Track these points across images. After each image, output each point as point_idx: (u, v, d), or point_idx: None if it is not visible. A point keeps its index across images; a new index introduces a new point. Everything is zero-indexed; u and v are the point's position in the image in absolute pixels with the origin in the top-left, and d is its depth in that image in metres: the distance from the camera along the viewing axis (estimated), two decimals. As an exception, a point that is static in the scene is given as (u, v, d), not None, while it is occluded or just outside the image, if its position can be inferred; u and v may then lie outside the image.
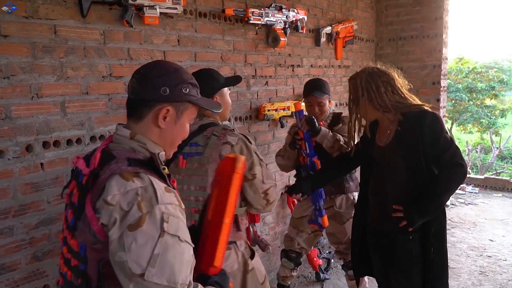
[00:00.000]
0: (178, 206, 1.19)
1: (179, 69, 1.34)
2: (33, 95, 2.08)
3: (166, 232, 1.11)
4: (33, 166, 2.11)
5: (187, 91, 1.30)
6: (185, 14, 2.80)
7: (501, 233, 4.88)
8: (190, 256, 1.17)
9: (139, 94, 1.28)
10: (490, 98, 13.45)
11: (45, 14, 2.09)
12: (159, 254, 1.10)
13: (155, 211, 1.12)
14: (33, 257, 2.15)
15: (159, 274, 1.09)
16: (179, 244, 1.13)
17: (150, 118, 1.28)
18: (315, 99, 2.94)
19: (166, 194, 1.17)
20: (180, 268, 1.12)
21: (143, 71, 1.30)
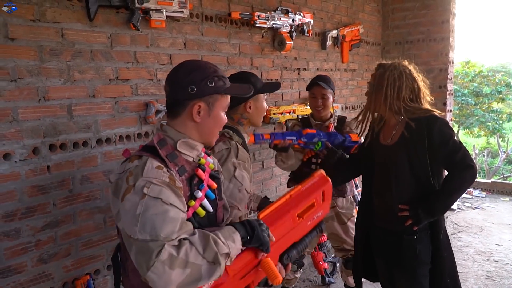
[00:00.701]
0: (166, 183, 1.28)
1: (202, 65, 1.45)
2: (40, 98, 2.09)
3: (146, 195, 1.23)
4: (39, 168, 2.12)
5: (212, 84, 1.40)
6: (192, 18, 2.80)
7: (508, 238, 4.84)
8: (178, 216, 1.25)
9: (172, 96, 1.44)
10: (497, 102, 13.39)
11: (53, 17, 2.11)
12: (140, 214, 1.21)
13: (138, 182, 1.25)
14: (39, 259, 2.16)
15: (141, 230, 1.19)
16: (162, 205, 1.23)
17: (185, 115, 1.42)
18: (319, 90, 2.92)
19: (154, 170, 1.29)
20: (162, 223, 1.20)
21: (171, 74, 1.45)
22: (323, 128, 2.99)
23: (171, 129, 1.44)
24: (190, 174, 1.42)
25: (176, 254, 1.17)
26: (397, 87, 2.20)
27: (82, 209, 2.32)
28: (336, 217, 3.09)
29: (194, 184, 1.42)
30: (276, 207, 1.45)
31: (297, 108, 3.72)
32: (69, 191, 2.25)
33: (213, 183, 1.49)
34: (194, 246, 1.21)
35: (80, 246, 2.33)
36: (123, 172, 1.32)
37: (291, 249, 1.48)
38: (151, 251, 1.17)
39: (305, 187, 1.55)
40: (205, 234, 1.24)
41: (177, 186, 1.32)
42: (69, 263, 2.29)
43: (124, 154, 1.45)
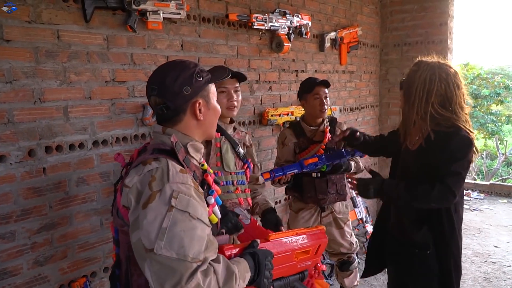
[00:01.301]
0: (192, 187, 1.22)
1: (181, 64, 1.40)
2: (35, 100, 2.08)
3: (174, 207, 1.15)
4: (35, 170, 2.11)
5: (201, 78, 1.38)
6: (189, 19, 2.80)
7: (505, 239, 4.84)
8: (205, 234, 1.17)
9: (171, 106, 1.35)
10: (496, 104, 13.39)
11: (48, 19, 2.10)
12: (167, 228, 1.13)
13: (165, 189, 1.17)
14: (35, 262, 2.15)
15: (167, 246, 1.11)
16: (190, 220, 1.16)
17: (188, 117, 1.38)
18: (324, 90, 2.90)
19: (180, 174, 1.22)
20: (190, 242, 1.13)
21: (157, 86, 1.36)
22: (318, 133, 2.96)
23: (178, 132, 1.38)
24: (200, 180, 1.39)
25: (202, 284, 1.12)
26: (427, 90, 2.00)
27: (79, 211, 2.31)
28: (334, 222, 3.07)
29: (205, 190, 1.37)
30: (285, 235, 1.47)
31: (295, 109, 3.71)
32: (65, 193, 2.24)
33: (218, 188, 1.47)
34: (216, 277, 1.16)
35: (77, 248, 2.32)
36: (143, 174, 1.23)
37: (277, 281, 1.49)
38: (180, 273, 1.10)
39: (310, 232, 1.58)
40: (230, 269, 1.20)
41: (200, 191, 1.27)
42: (65, 265, 2.28)
43: (117, 159, 1.42)
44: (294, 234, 1.50)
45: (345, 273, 3.17)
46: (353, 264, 3.15)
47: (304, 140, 2.96)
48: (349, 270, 3.15)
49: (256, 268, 1.29)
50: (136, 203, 1.20)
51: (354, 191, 2.19)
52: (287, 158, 2.98)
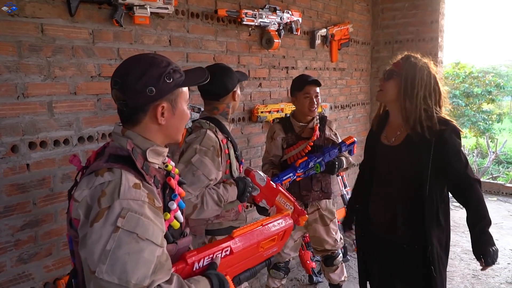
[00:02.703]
0: (146, 204, 1.12)
1: (152, 60, 1.26)
2: (19, 95, 2.05)
3: (120, 228, 1.06)
4: (18, 167, 2.08)
5: (171, 80, 1.24)
6: (177, 14, 2.77)
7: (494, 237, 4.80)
8: (153, 257, 1.08)
9: (129, 104, 1.23)
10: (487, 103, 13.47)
11: (32, 12, 2.06)
12: (111, 250, 1.04)
13: (114, 206, 1.08)
14: (18, 259, 2.12)
15: (109, 271, 1.03)
16: (137, 242, 1.06)
17: (149, 120, 1.25)
18: (314, 89, 2.88)
19: (132, 190, 1.12)
20: (135, 266, 1.04)
21: (120, 79, 1.23)
22: (307, 130, 2.96)
23: (137, 135, 1.25)
24: (162, 184, 1.29)
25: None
26: (425, 85, 2.06)
27: (64, 208, 2.27)
28: (320, 219, 3.07)
29: (167, 194, 1.29)
30: (251, 230, 1.46)
31: (285, 106, 3.69)
32: (49, 189, 2.21)
33: (182, 191, 1.37)
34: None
35: (62, 245, 2.29)
36: (93, 188, 1.13)
37: (243, 273, 1.49)
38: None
39: (276, 220, 1.57)
40: (181, 286, 1.13)
41: (156, 206, 1.16)
42: (50, 263, 2.25)
43: (72, 162, 1.30)
44: (260, 225, 1.50)
45: (330, 268, 3.18)
46: (337, 259, 3.16)
47: (292, 135, 2.95)
48: (334, 265, 3.16)
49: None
50: (86, 219, 1.11)
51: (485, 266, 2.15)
52: (275, 152, 2.97)
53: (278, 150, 2.97)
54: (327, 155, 2.86)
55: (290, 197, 2.28)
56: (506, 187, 6.77)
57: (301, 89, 2.89)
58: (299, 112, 2.98)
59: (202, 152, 1.97)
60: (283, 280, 3.20)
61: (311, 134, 2.93)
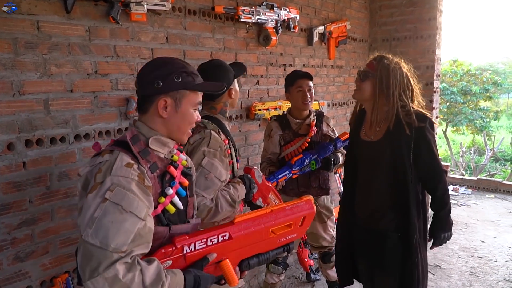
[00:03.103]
0: (135, 181, 1.26)
1: (170, 61, 1.44)
2: (14, 92, 2.03)
3: (108, 200, 1.21)
4: (15, 165, 2.07)
5: (179, 79, 1.39)
6: (174, 11, 2.75)
7: (492, 234, 4.87)
8: (134, 228, 1.21)
9: (139, 92, 1.44)
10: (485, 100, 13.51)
11: (28, 9, 2.04)
12: (97, 217, 1.19)
13: (105, 181, 1.24)
14: (15, 258, 2.11)
15: (93, 234, 1.17)
16: (121, 213, 1.20)
17: (153, 110, 1.41)
18: (307, 83, 2.88)
19: (124, 168, 1.27)
20: (115, 233, 1.18)
21: (140, 70, 1.45)
22: (304, 126, 2.95)
23: (143, 125, 1.43)
24: (162, 171, 1.41)
25: (121, 277, 1.15)
26: (399, 83, 2.18)
27: (60, 206, 2.26)
28: (317, 216, 3.07)
29: (166, 181, 1.41)
30: (255, 216, 1.47)
31: (283, 104, 3.69)
32: (46, 188, 2.20)
33: (185, 180, 1.49)
34: (142, 276, 1.19)
35: (59, 244, 2.28)
36: (94, 166, 1.31)
37: (253, 258, 1.52)
38: (99, 261, 1.15)
39: (289, 207, 1.56)
40: (160, 275, 1.22)
41: (146, 185, 1.30)
42: (47, 261, 2.24)
43: (94, 147, 1.45)
44: (268, 212, 1.50)
45: (328, 265, 3.19)
46: (334, 256, 3.16)
47: (289, 132, 2.95)
48: (331, 262, 3.17)
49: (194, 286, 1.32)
50: (83, 191, 1.30)
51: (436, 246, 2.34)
52: (273, 150, 2.97)
53: (276, 147, 2.96)
54: (322, 151, 2.86)
55: (278, 196, 2.31)
56: (504, 184, 6.79)
57: (293, 83, 2.90)
58: (294, 108, 2.98)
59: (211, 154, 1.92)
60: (281, 276, 3.20)
61: (308, 131, 2.94)
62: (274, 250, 1.57)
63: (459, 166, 12.38)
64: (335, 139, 2.98)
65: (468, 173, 12.21)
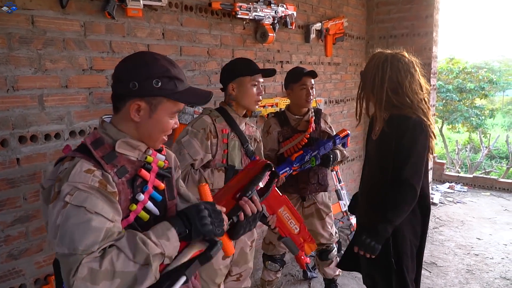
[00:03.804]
0: (95, 188, 1.14)
1: (153, 61, 1.25)
2: (8, 88, 2.01)
3: (69, 203, 1.09)
4: (8, 161, 2.04)
5: (159, 85, 1.22)
6: (170, 7, 2.73)
7: (488, 232, 4.88)
8: (103, 225, 1.10)
9: (113, 89, 1.28)
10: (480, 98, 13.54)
11: (22, 4, 2.02)
12: (60, 224, 1.08)
13: (63, 188, 1.12)
14: (8, 255, 2.09)
15: (60, 243, 1.07)
16: (85, 213, 1.09)
17: (125, 112, 1.26)
18: (310, 81, 2.85)
19: (82, 174, 1.15)
20: (82, 234, 1.07)
21: (117, 65, 1.28)
22: (303, 122, 2.94)
23: (112, 127, 1.27)
24: (132, 175, 1.27)
25: (98, 267, 1.04)
26: (380, 77, 2.09)
27: (55, 203, 2.24)
28: (316, 213, 3.06)
29: (137, 186, 1.27)
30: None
31: (280, 101, 3.67)
32: (40, 185, 2.17)
33: (160, 183, 1.34)
34: (122, 252, 1.08)
35: (53, 241, 2.26)
36: (54, 176, 1.20)
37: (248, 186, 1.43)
38: (69, 267, 1.04)
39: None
40: (131, 235, 1.11)
41: (109, 191, 1.17)
42: (41, 259, 2.22)
43: (64, 150, 1.30)
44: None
45: (325, 263, 3.17)
46: (332, 253, 3.16)
47: (288, 129, 2.93)
48: (328, 259, 3.15)
49: (185, 223, 1.19)
50: (45, 204, 1.20)
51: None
52: (271, 147, 2.95)
53: (274, 144, 2.95)
54: (322, 148, 2.84)
55: (298, 215, 1.93)
56: (499, 182, 6.80)
57: (298, 80, 2.86)
58: (294, 104, 2.95)
59: (192, 133, 2.09)
60: (278, 273, 3.19)
61: (307, 127, 2.92)
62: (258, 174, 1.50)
63: (455, 163, 12.40)
64: (334, 136, 2.96)
65: (463, 170, 12.24)
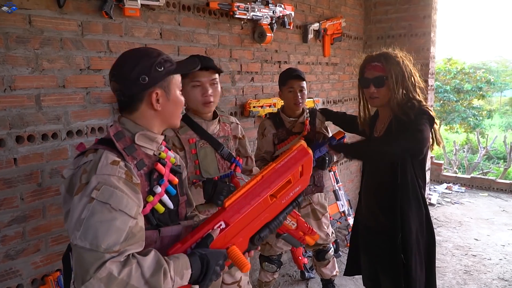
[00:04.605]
0: (122, 179, 1.21)
1: (145, 52, 1.39)
2: (5, 88, 2.00)
3: (95, 199, 1.15)
4: (5, 161, 2.03)
5: (161, 68, 1.35)
6: (168, 7, 2.72)
7: (486, 233, 4.88)
8: (125, 226, 1.15)
9: (126, 93, 1.35)
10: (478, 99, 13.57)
11: (19, 3, 2.01)
12: (85, 218, 1.13)
13: (91, 180, 1.18)
14: (5, 255, 2.08)
15: (82, 237, 1.12)
16: (109, 211, 1.15)
17: (145, 106, 1.37)
18: (298, 83, 2.81)
19: (109, 166, 1.22)
20: (105, 232, 1.12)
21: (116, 71, 1.37)
22: (297, 124, 2.93)
23: (129, 121, 1.38)
24: (149, 169, 1.37)
25: (117, 274, 1.09)
26: (406, 79, 2.11)
27: (52, 203, 2.24)
28: (312, 213, 3.07)
29: (154, 179, 1.37)
30: (245, 191, 1.35)
31: (278, 101, 3.66)
32: (37, 185, 2.17)
33: (174, 177, 1.45)
34: (140, 269, 1.13)
35: (50, 241, 2.25)
36: (78, 167, 1.26)
37: (263, 230, 1.41)
38: (89, 263, 1.09)
39: (280, 164, 1.42)
40: (160, 262, 1.16)
41: (134, 183, 1.25)
42: (38, 259, 2.21)
43: (78, 148, 1.38)
44: (259, 179, 1.38)
45: (322, 263, 3.18)
46: (328, 253, 3.16)
47: (283, 131, 2.91)
48: (325, 260, 3.16)
49: (203, 270, 1.24)
50: (68, 194, 1.25)
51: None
52: (266, 149, 2.94)
53: (270, 146, 2.93)
54: (317, 151, 2.83)
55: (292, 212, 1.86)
56: (497, 182, 6.81)
57: (285, 83, 2.84)
58: (287, 106, 2.94)
59: None
60: (275, 274, 3.18)
61: (302, 129, 2.90)
62: (282, 211, 1.45)
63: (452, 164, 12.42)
64: (330, 138, 2.95)
65: (461, 171, 12.26)
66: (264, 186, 1.37)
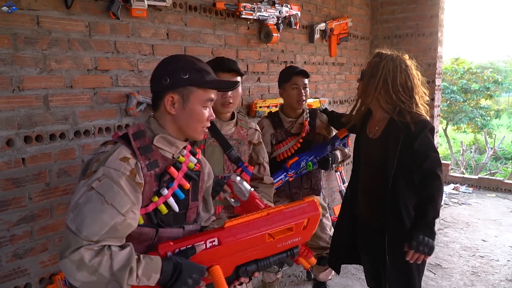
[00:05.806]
0: (125, 176, 1.28)
1: (182, 58, 1.45)
2: (14, 88, 2.02)
3: (94, 189, 1.23)
4: (14, 161, 2.05)
5: (186, 75, 1.38)
6: (175, 7, 2.73)
7: (494, 234, 4.85)
8: (111, 221, 1.22)
9: (152, 89, 1.46)
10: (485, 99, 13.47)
11: (27, 4, 2.03)
12: (80, 204, 1.22)
13: (98, 171, 1.27)
14: (14, 254, 2.09)
15: (73, 219, 1.20)
16: (102, 204, 1.22)
17: (162, 107, 1.42)
18: (302, 80, 2.78)
19: (118, 161, 1.29)
20: (91, 222, 1.19)
21: (155, 67, 1.48)
22: (297, 125, 2.88)
23: (155, 122, 1.44)
24: (161, 170, 1.40)
25: (87, 261, 1.17)
26: (391, 80, 2.15)
27: (60, 203, 2.25)
28: None
29: (164, 181, 1.40)
30: (248, 220, 1.40)
31: (284, 101, 3.66)
32: (45, 184, 2.19)
33: (186, 183, 1.46)
34: (111, 261, 1.20)
35: (58, 241, 2.26)
36: (96, 154, 1.35)
37: (251, 264, 1.45)
38: (69, 245, 1.18)
39: (288, 209, 1.48)
40: (130, 260, 1.22)
41: (136, 182, 1.31)
42: (46, 258, 2.23)
43: (113, 137, 1.44)
44: (264, 215, 1.42)
45: (321, 267, 3.17)
46: None
47: (281, 131, 2.85)
48: (325, 266, 3.12)
49: (173, 277, 1.27)
50: (82, 175, 1.32)
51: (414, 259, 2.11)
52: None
53: (267, 146, 2.84)
54: (319, 152, 2.79)
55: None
56: (505, 183, 6.76)
57: (289, 80, 2.79)
58: (287, 105, 2.88)
59: None
60: (278, 274, 3.16)
61: (301, 130, 2.85)
62: (275, 255, 1.48)
63: (460, 164, 12.36)
64: (333, 138, 2.91)
65: (468, 171, 12.19)
66: (266, 223, 1.42)
